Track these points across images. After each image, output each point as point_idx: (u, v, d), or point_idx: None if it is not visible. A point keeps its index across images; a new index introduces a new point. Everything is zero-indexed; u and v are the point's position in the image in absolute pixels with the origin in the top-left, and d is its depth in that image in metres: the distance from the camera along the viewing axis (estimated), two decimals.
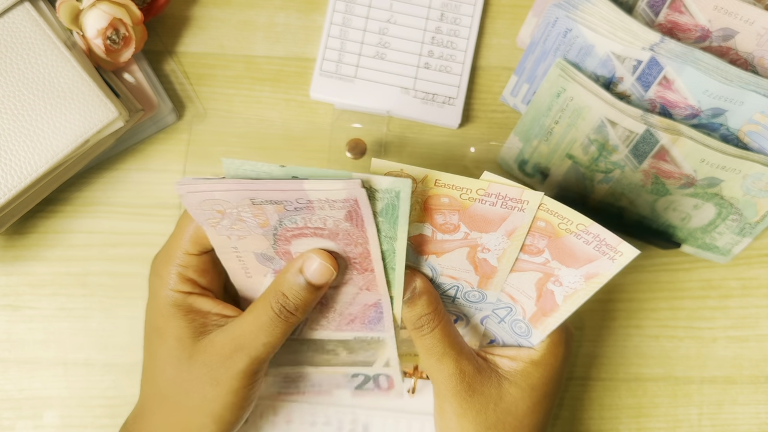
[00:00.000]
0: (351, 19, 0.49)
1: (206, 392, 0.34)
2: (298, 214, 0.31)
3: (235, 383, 0.34)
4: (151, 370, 0.36)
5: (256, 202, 0.30)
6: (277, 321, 0.33)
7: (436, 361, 0.35)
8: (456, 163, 0.49)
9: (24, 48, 0.41)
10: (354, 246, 0.33)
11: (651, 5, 0.44)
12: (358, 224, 0.31)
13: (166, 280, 0.35)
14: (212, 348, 0.33)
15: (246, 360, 0.33)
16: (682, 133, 0.43)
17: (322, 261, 0.33)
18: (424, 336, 0.35)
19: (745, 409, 0.48)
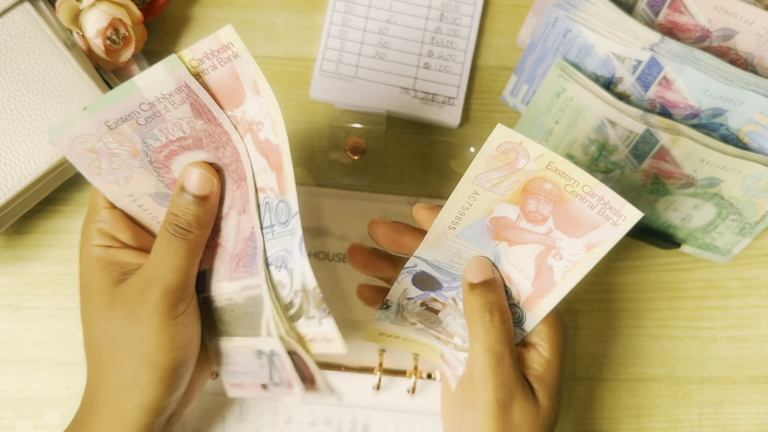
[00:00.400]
0: (351, 19, 0.49)
1: (131, 335, 0.33)
2: (154, 126, 0.32)
3: (156, 318, 0.33)
4: (84, 326, 0.36)
5: (110, 125, 0.31)
6: (176, 241, 0.33)
7: (489, 357, 0.34)
8: (456, 163, 0.49)
9: (24, 48, 0.41)
10: (223, 148, 0.33)
11: (651, 5, 0.44)
12: (210, 117, 0.32)
13: (87, 236, 0.35)
14: (128, 289, 0.34)
15: (159, 290, 0.33)
16: (682, 133, 0.43)
17: (200, 170, 0.33)
18: (486, 324, 0.34)
19: (746, 409, 0.48)
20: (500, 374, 0.34)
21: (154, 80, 0.31)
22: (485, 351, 0.34)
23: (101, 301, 0.34)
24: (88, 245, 0.35)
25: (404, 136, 0.49)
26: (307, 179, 0.48)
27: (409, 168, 0.49)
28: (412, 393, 0.44)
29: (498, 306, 0.35)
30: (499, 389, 0.34)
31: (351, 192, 0.47)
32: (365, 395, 0.45)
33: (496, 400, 0.34)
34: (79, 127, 0.31)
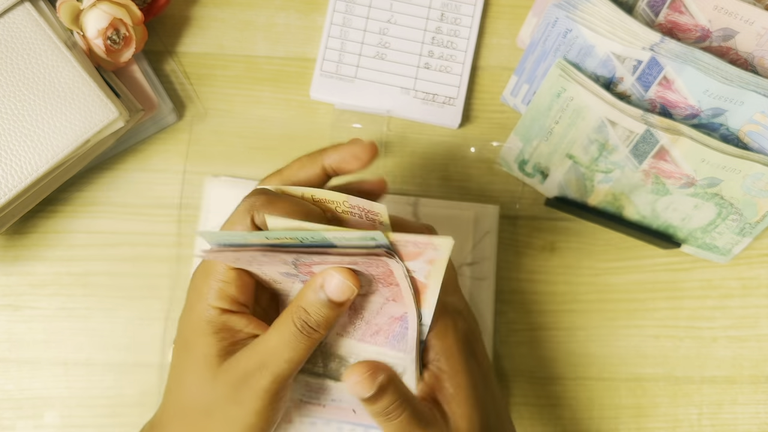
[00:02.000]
0: (351, 20, 0.49)
1: (228, 412, 0.33)
2: (315, 255, 0.31)
3: (259, 403, 0.33)
4: (175, 384, 0.35)
5: (268, 256, 0.31)
6: (300, 337, 0.33)
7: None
8: (456, 163, 0.49)
9: (24, 48, 0.41)
10: (375, 267, 0.32)
11: (651, 5, 0.44)
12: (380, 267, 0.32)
13: (204, 294, 0.34)
14: (236, 366, 0.33)
15: (269, 377, 0.32)
16: (682, 133, 0.43)
17: (342, 278, 0.32)
18: (388, 423, 0.33)
19: (745, 409, 0.48)
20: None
21: (347, 237, 0.30)
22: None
23: (205, 369, 0.33)
24: (203, 302, 0.33)
25: (404, 136, 0.49)
26: None
27: (410, 168, 0.49)
28: None
29: (395, 407, 0.33)
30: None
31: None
32: None
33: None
34: (243, 252, 0.31)
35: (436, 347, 0.34)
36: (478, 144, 0.49)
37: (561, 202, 0.48)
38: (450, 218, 0.47)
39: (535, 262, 0.48)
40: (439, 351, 0.34)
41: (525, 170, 0.48)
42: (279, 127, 0.49)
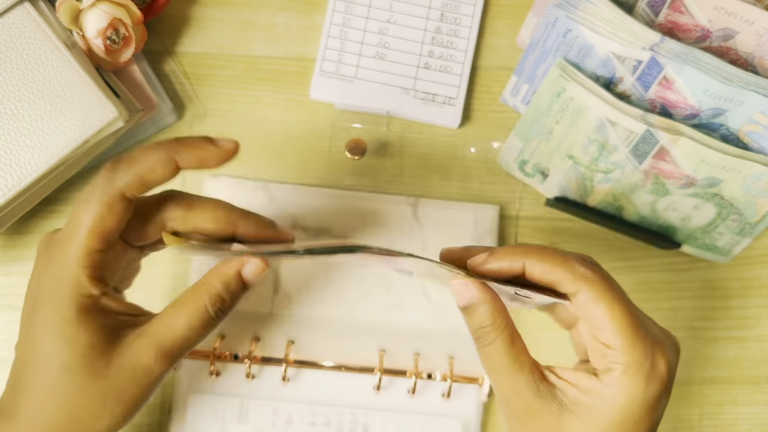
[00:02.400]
0: (351, 20, 0.49)
1: (123, 396, 0.31)
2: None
3: (155, 386, 0.32)
4: (50, 377, 0.31)
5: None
6: (209, 323, 0.32)
7: (493, 376, 0.33)
8: (456, 163, 0.49)
9: (24, 48, 0.41)
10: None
11: (651, 5, 0.44)
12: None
13: (71, 283, 0.31)
14: (133, 354, 0.31)
15: (169, 364, 0.32)
16: (682, 133, 0.43)
17: (259, 262, 0.32)
18: (482, 348, 0.32)
19: (746, 409, 0.48)
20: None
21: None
22: (485, 367, 0.33)
23: (95, 359, 0.31)
24: (73, 292, 0.31)
25: (404, 136, 0.49)
26: (308, 180, 0.48)
27: (410, 168, 0.49)
28: (413, 393, 0.44)
29: (486, 331, 0.32)
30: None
31: (351, 192, 0.47)
32: (365, 395, 0.45)
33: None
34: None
35: (621, 371, 0.31)
36: (478, 144, 0.49)
37: (561, 202, 0.48)
38: (449, 218, 0.47)
39: None
40: (621, 376, 0.31)
41: (525, 170, 0.48)
42: (278, 127, 0.49)
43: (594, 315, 0.31)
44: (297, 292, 0.45)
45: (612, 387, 0.31)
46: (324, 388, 0.45)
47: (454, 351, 0.46)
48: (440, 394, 0.45)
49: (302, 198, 0.46)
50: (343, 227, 0.46)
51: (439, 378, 0.45)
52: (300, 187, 0.46)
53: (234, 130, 0.48)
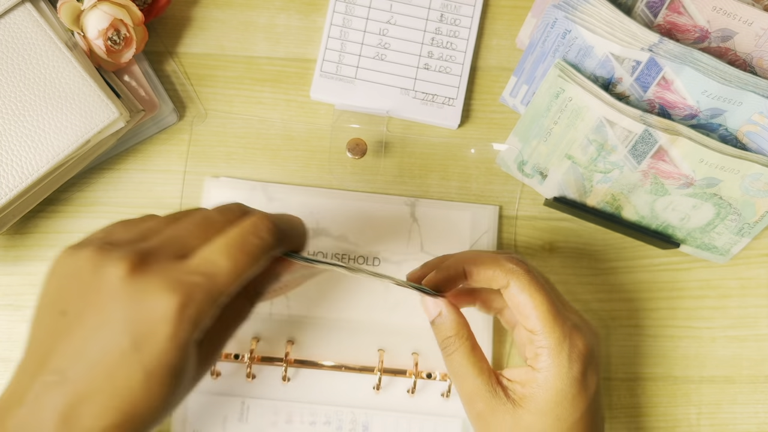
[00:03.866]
0: (351, 20, 0.49)
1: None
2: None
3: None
4: None
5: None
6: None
7: (457, 381, 0.37)
8: (455, 163, 0.49)
9: (25, 49, 0.41)
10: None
11: (650, 6, 0.44)
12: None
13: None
14: None
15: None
16: (680, 134, 0.43)
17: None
18: (447, 356, 0.37)
19: (744, 408, 0.48)
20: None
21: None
22: (449, 373, 0.38)
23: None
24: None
25: (404, 136, 0.49)
26: (308, 180, 0.48)
27: (409, 168, 0.49)
28: (412, 393, 0.44)
29: (450, 341, 0.37)
30: None
31: (350, 193, 0.47)
32: (365, 395, 0.45)
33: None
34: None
35: (546, 358, 0.35)
36: (478, 145, 0.49)
37: (560, 202, 0.48)
38: (447, 219, 0.47)
39: (534, 262, 0.48)
40: (547, 361, 0.35)
41: (524, 171, 0.48)
42: (279, 127, 0.49)
43: (520, 304, 0.36)
44: (296, 293, 0.45)
45: (542, 372, 0.35)
46: (324, 388, 0.45)
47: None
48: (440, 394, 0.45)
49: (301, 198, 0.47)
50: (342, 228, 0.46)
51: (439, 377, 0.45)
52: (299, 187, 0.46)
53: (234, 130, 0.48)
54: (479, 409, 0.36)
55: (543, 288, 0.36)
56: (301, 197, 0.46)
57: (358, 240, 0.45)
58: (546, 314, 0.35)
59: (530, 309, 0.35)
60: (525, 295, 0.35)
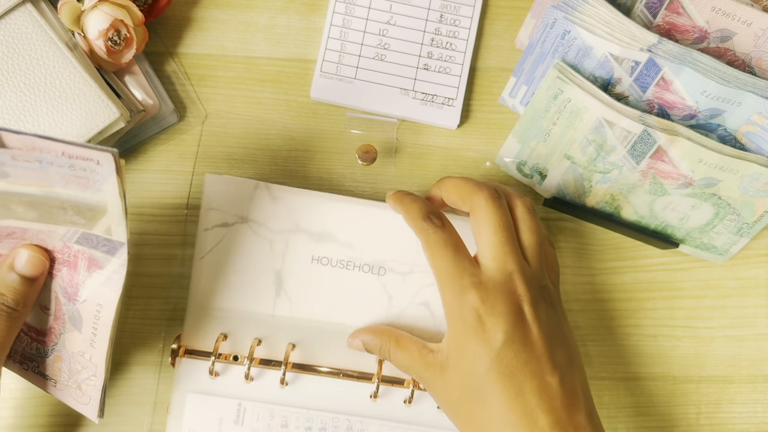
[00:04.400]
0: (351, 21, 0.49)
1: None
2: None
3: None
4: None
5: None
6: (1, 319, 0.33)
7: (410, 373, 0.40)
8: (455, 163, 0.49)
9: (26, 49, 0.41)
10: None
11: (649, 7, 0.45)
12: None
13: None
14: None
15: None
16: (679, 134, 0.43)
17: (30, 252, 0.34)
18: (393, 362, 0.41)
19: (743, 408, 0.48)
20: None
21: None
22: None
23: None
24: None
25: (403, 136, 0.49)
26: (308, 181, 0.48)
27: (408, 168, 0.49)
28: (409, 403, 0.44)
29: (383, 349, 0.42)
30: None
31: (358, 198, 0.46)
32: (362, 403, 0.45)
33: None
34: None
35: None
36: (477, 145, 0.49)
37: (559, 202, 0.48)
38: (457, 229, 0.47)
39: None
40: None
41: (523, 171, 0.49)
42: (279, 128, 0.49)
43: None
44: (298, 295, 0.45)
45: (447, 331, 0.38)
46: (321, 394, 0.45)
47: None
48: (436, 406, 0.45)
49: (305, 200, 0.46)
50: (349, 234, 0.45)
51: None
52: (302, 189, 0.46)
53: (234, 131, 0.48)
54: (428, 382, 0.38)
55: (448, 244, 0.37)
56: (304, 199, 0.46)
57: (364, 248, 0.45)
58: (441, 273, 0.37)
59: (432, 258, 0.38)
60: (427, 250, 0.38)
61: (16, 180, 0.32)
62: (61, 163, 0.31)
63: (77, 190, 0.32)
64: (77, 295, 0.36)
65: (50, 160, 0.31)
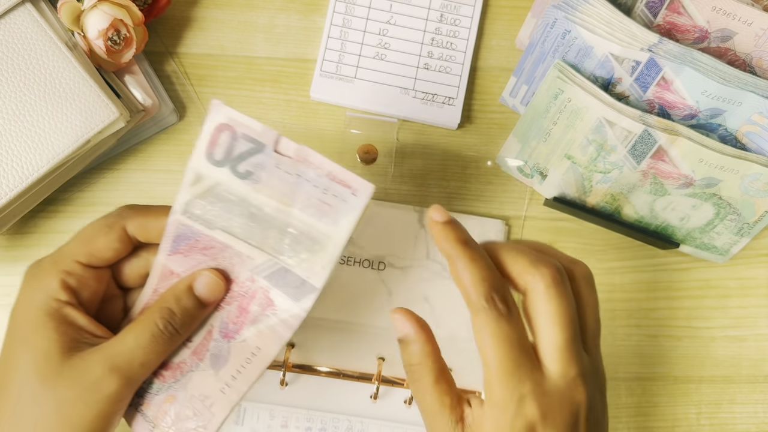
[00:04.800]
0: (351, 20, 0.49)
1: (70, 415, 0.30)
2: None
3: (105, 408, 0.31)
4: (6, 383, 0.31)
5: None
6: (161, 339, 0.32)
7: (420, 408, 0.33)
8: (455, 163, 0.49)
9: (25, 49, 0.41)
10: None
11: (649, 6, 0.44)
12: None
13: (45, 284, 0.32)
14: (84, 367, 0.31)
15: (120, 382, 0.31)
16: (680, 134, 0.43)
17: (215, 277, 0.33)
18: (411, 383, 0.33)
19: (743, 408, 0.48)
20: None
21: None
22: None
23: (46, 367, 0.30)
24: (42, 293, 0.32)
25: (403, 136, 0.49)
26: None
27: (408, 168, 0.49)
28: (409, 404, 0.44)
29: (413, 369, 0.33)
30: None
31: None
32: (362, 403, 0.45)
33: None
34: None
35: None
36: (477, 145, 0.49)
37: (560, 202, 0.48)
38: None
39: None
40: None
41: (524, 171, 0.49)
42: (279, 128, 0.49)
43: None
44: None
45: (486, 421, 0.30)
46: (321, 394, 0.45)
47: (452, 362, 0.46)
48: None
49: None
50: None
51: None
52: None
53: None
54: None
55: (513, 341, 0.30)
56: None
57: (364, 243, 0.45)
58: (497, 370, 0.30)
59: (487, 348, 0.30)
60: (484, 332, 0.30)
61: (262, 189, 0.31)
62: (318, 183, 0.30)
63: (313, 216, 0.31)
64: (238, 333, 0.33)
65: (311, 177, 0.30)
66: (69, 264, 0.32)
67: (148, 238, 0.34)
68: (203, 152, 0.31)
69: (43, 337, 0.31)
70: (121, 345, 0.31)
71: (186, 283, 0.33)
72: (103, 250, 0.33)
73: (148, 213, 0.33)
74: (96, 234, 0.33)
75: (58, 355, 0.31)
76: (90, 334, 0.32)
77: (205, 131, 0.31)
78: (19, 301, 0.32)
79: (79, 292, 0.33)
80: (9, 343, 0.32)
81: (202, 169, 0.31)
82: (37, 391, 0.30)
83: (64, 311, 0.32)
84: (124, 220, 0.33)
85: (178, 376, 0.34)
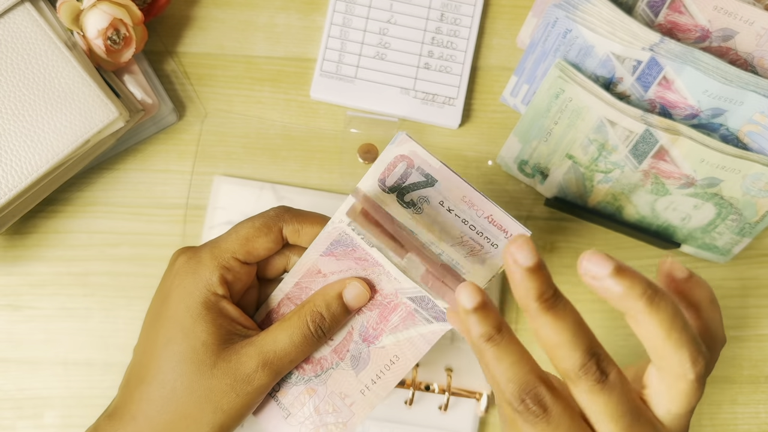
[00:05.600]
0: (351, 20, 0.49)
1: (222, 402, 0.33)
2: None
3: (253, 398, 0.33)
4: (162, 370, 0.34)
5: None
6: (311, 340, 0.34)
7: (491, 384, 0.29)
8: (456, 163, 0.49)
9: (25, 48, 0.41)
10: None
11: (651, 5, 0.44)
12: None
13: (204, 277, 0.34)
14: (238, 359, 0.33)
15: (271, 376, 0.33)
16: (681, 133, 0.43)
17: (363, 288, 0.34)
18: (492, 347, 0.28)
19: (744, 408, 0.48)
20: None
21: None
22: None
23: (204, 356, 0.33)
24: (203, 287, 0.34)
25: None
26: (308, 180, 0.48)
27: None
28: (410, 404, 0.44)
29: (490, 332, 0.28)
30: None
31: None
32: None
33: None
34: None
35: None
36: (478, 145, 0.49)
37: (560, 202, 0.48)
38: None
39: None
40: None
41: (524, 170, 0.48)
42: (279, 127, 0.49)
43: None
44: None
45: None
46: None
47: (453, 363, 0.46)
48: (437, 407, 0.45)
49: (309, 200, 0.46)
50: None
51: (437, 390, 0.45)
52: (307, 189, 0.46)
53: (234, 130, 0.48)
54: (505, 418, 0.29)
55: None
56: (310, 200, 0.46)
57: None
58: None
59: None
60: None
61: (421, 220, 0.33)
62: (476, 224, 0.32)
63: (461, 254, 0.33)
64: (378, 338, 0.35)
65: (470, 216, 0.32)
66: (228, 260, 0.34)
67: (297, 241, 0.36)
68: (376, 177, 0.33)
69: (202, 329, 0.33)
70: (274, 343, 0.34)
71: (337, 291, 0.34)
72: (260, 249, 0.35)
73: (305, 220, 0.35)
74: (256, 234, 0.35)
75: (214, 346, 0.33)
76: (241, 326, 0.34)
77: (384, 159, 0.33)
78: (176, 287, 0.34)
79: (233, 286, 0.35)
80: (165, 324, 0.34)
81: (370, 191, 0.33)
82: (192, 378, 0.33)
83: (221, 305, 0.34)
84: (281, 222, 0.35)
85: (319, 371, 0.36)
